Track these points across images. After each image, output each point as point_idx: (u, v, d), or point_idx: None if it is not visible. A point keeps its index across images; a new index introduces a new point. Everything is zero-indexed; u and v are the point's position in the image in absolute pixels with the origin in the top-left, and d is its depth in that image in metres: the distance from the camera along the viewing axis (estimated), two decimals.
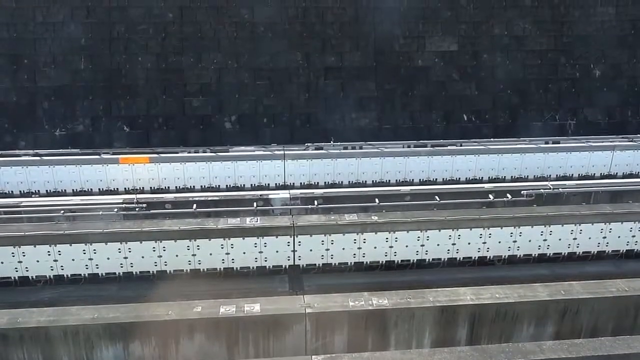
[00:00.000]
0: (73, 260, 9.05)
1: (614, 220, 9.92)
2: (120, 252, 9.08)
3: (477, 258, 9.91)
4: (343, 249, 9.49)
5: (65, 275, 9.16)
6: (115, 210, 10.31)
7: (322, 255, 9.50)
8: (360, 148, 12.16)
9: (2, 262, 8.97)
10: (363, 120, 13.58)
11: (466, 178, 12.24)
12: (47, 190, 11.38)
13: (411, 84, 13.83)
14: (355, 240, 9.45)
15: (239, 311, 7.60)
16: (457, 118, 13.90)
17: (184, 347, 7.60)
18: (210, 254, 9.27)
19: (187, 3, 13.26)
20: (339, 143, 12.24)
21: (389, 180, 12.05)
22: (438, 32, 13.94)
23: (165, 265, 9.25)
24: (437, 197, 10.93)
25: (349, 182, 11.99)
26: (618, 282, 8.39)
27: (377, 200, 10.80)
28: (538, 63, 14.19)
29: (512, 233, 9.76)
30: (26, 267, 9.03)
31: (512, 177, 12.35)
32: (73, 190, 11.42)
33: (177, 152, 11.79)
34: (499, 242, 9.80)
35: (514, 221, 9.72)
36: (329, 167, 11.86)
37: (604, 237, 10.01)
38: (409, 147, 12.38)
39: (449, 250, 9.75)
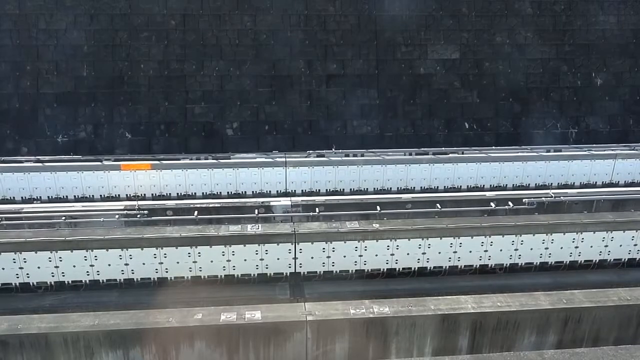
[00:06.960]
0: (74, 266, 9.05)
1: (615, 228, 9.90)
2: (121, 258, 9.08)
3: (478, 266, 9.89)
4: (344, 256, 9.48)
5: (66, 282, 9.17)
6: (117, 216, 10.33)
7: (323, 263, 9.49)
8: (362, 155, 12.17)
9: (3, 268, 8.97)
10: (365, 128, 13.59)
11: (468, 186, 12.24)
12: (48, 197, 11.39)
13: (413, 91, 13.85)
14: (356, 247, 9.44)
15: (239, 318, 7.60)
16: (458, 126, 13.90)
17: (184, 355, 7.59)
18: (211, 261, 9.26)
19: (190, 11, 13.32)
20: (340, 150, 12.25)
21: (391, 188, 12.05)
22: (440, 40, 13.98)
23: (166, 272, 9.25)
24: (438, 205, 10.94)
25: (351, 189, 11.99)
26: (620, 291, 8.38)
27: (378, 207, 10.80)
28: (540, 71, 14.21)
29: (513, 241, 9.74)
30: (27, 274, 9.02)
31: (513, 185, 12.35)
32: (75, 196, 11.44)
33: (178, 159, 11.81)
34: (501, 250, 9.78)
35: (515, 229, 9.70)
36: (331, 175, 11.87)
37: (606, 246, 9.99)
38: (410, 154, 12.40)
39: (450, 258, 9.73)
